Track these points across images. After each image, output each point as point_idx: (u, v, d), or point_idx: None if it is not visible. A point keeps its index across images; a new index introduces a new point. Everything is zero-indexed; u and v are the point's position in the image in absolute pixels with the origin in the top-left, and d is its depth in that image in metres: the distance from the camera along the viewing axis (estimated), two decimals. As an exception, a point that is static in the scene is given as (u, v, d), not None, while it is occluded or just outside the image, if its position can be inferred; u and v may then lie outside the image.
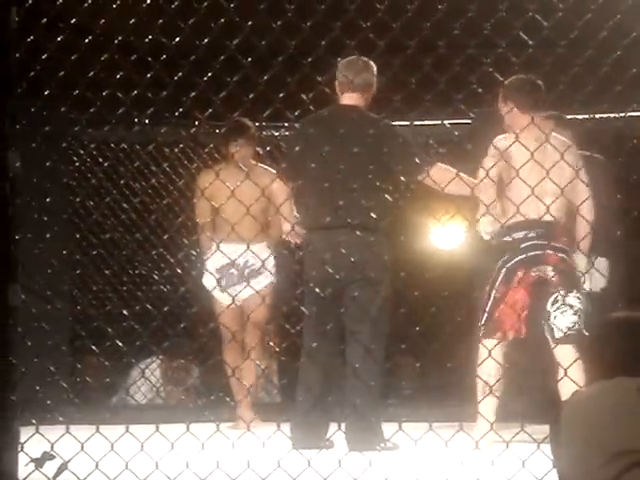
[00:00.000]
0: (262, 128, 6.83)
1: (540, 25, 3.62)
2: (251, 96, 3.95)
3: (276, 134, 6.68)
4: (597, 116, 6.35)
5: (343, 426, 4.61)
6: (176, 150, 6.94)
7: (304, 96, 5.06)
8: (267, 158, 6.67)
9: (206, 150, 6.88)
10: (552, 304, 4.94)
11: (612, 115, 6.54)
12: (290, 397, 5.23)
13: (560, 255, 4.94)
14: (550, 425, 2.52)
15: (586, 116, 6.29)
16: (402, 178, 4.86)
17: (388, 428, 4.61)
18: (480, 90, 3.93)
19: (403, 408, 6.11)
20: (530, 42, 3.60)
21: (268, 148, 6.65)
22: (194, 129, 6.69)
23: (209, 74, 4.03)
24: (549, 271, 4.93)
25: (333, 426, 4.66)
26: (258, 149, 6.33)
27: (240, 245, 5.26)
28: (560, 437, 2.47)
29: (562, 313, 4.92)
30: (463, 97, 4.14)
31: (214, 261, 5.74)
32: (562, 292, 4.92)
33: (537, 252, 4.95)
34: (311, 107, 4.89)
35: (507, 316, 4.95)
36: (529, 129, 4.57)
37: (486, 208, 4.88)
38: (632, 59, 3.84)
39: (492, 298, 4.99)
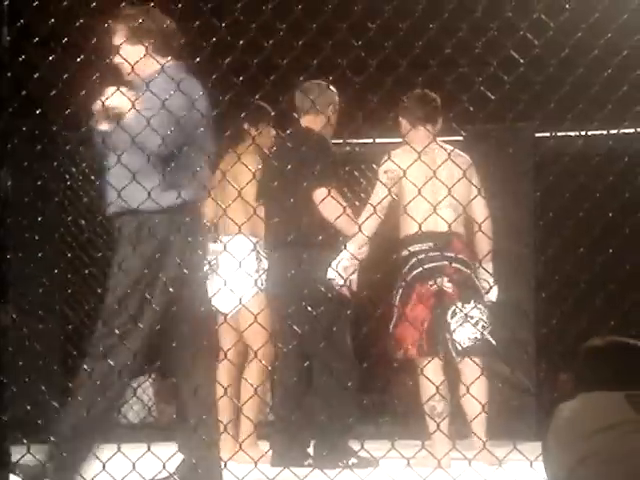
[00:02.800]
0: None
1: (531, 44, 3.64)
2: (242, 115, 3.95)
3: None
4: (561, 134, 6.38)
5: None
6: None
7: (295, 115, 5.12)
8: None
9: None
10: (451, 317, 4.83)
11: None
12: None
13: (455, 266, 4.83)
14: (542, 441, 2.55)
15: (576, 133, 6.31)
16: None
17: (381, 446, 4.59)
18: (471, 108, 3.93)
19: (397, 425, 6.11)
20: (521, 61, 3.61)
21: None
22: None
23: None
24: (446, 283, 4.80)
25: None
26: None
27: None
28: (550, 451, 2.51)
29: (462, 325, 4.78)
30: (454, 115, 4.16)
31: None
32: (460, 303, 4.80)
33: (433, 264, 4.84)
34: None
35: (408, 333, 4.86)
36: (420, 142, 4.59)
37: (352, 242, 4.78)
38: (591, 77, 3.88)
39: (395, 315, 4.90)
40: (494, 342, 4.77)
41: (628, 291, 5.43)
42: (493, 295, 4.99)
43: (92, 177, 6.83)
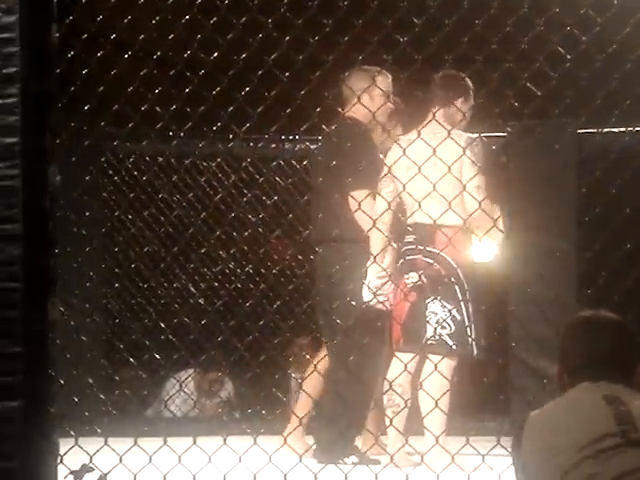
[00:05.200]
0: (298, 142, 6.86)
1: (578, 40, 3.63)
2: (288, 110, 3.97)
3: (312, 147, 6.70)
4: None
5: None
6: (212, 164, 6.96)
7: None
8: (303, 172, 6.69)
9: (243, 164, 6.90)
10: (421, 312, 4.71)
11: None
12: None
13: (427, 260, 4.70)
14: (512, 438, 2.51)
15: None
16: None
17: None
18: (516, 104, 3.93)
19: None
20: (568, 56, 3.60)
21: (305, 162, 6.66)
22: (231, 143, 6.71)
23: (247, 89, 4.05)
24: (418, 277, 4.67)
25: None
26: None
27: None
28: (522, 449, 2.46)
29: (428, 321, 4.67)
30: (499, 110, 4.15)
31: None
32: (428, 300, 4.69)
33: (411, 257, 4.75)
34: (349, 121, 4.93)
35: (394, 327, 4.81)
36: (424, 130, 4.49)
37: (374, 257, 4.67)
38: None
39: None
40: (452, 344, 4.65)
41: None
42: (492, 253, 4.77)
43: (136, 173, 6.89)
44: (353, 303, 4.82)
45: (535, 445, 2.43)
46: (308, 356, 5.28)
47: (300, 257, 6.74)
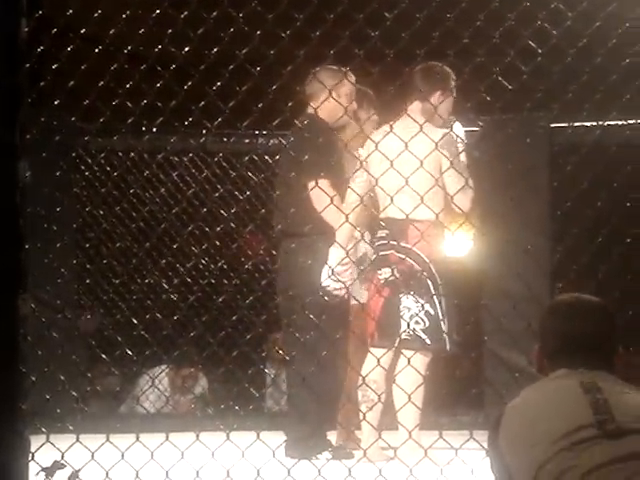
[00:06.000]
0: (271, 137, 6.85)
1: (549, 34, 3.63)
2: (260, 105, 3.96)
3: (284, 142, 6.68)
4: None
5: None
6: (185, 159, 6.94)
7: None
8: (276, 166, 6.68)
9: (215, 159, 6.89)
10: (395, 307, 4.68)
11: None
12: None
13: (400, 255, 4.66)
14: (489, 430, 2.47)
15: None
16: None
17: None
18: (489, 98, 3.93)
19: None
20: (539, 50, 3.60)
21: (277, 157, 6.65)
22: (203, 138, 6.69)
23: (218, 83, 4.04)
24: (391, 272, 4.67)
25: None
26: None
27: None
28: (499, 439, 2.42)
29: (400, 317, 4.65)
30: (471, 105, 4.15)
31: None
32: (402, 295, 4.67)
33: (384, 252, 4.72)
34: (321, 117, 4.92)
35: (368, 322, 4.77)
36: (397, 123, 4.47)
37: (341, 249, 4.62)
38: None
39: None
40: (426, 338, 4.64)
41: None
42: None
43: (108, 169, 6.86)
44: (319, 293, 4.80)
45: (512, 436, 2.40)
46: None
47: (274, 252, 6.73)
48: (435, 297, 4.64)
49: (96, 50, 3.86)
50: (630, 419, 2.29)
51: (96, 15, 3.82)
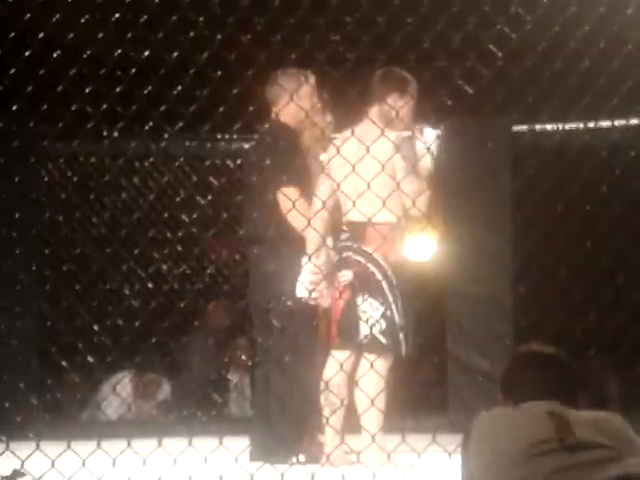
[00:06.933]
0: (232, 141, 6.84)
1: (509, 38, 3.65)
2: (221, 109, 3.95)
3: (246, 146, 6.67)
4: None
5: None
6: (146, 164, 6.91)
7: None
8: (237, 171, 6.67)
9: (176, 163, 6.86)
10: (354, 310, 4.64)
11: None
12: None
13: (358, 258, 4.65)
14: (462, 437, 2.61)
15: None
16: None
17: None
18: (449, 102, 3.94)
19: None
20: (499, 54, 3.61)
21: (239, 161, 6.64)
22: (164, 142, 6.66)
23: (179, 87, 4.02)
24: (349, 275, 4.64)
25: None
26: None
27: None
28: (468, 446, 2.57)
29: (359, 320, 4.62)
30: (432, 108, 4.16)
31: None
32: (360, 298, 4.63)
33: (344, 255, 4.70)
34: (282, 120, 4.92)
35: (330, 325, 4.76)
36: (357, 128, 4.51)
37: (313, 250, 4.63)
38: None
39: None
40: (384, 341, 4.66)
41: (607, 283, 5.44)
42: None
43: (69, 174, 6.82)
44: (289, 303, 4.81)
45: (480, 446, 2.54)
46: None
47: (237, 257, 6.72)
48: (392, 300, 4.65)
49: (55, 54, 3.82)
50: (590, 434, 2.43)
51: (55, 19, 3.79)
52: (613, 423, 2.53)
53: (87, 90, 4.01)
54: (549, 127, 6.38)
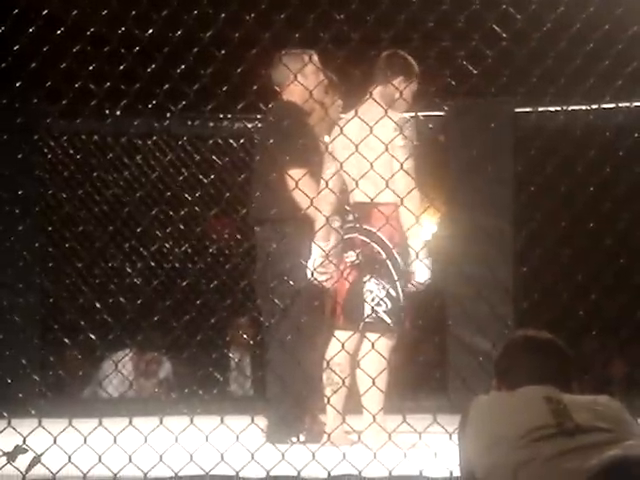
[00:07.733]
0: (235, 120, 6.83)
1: (513, 18, 3.63)
2: (225, 88, 3.94)
3: (250, 126, 6.66)
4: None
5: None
6: (149, 142, 6.90)
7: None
8: (241, 150, 6.67)
9: (179, 142, 6.86)
10: (359, 290, 4.68)
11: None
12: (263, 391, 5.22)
13: (363, 238, 4.68)
14: (459, 421, 2.64)
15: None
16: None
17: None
18: (453, 83, 3.93)
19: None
20: (504, 35, 3.60)
21: (242, 140, 6.64)
22: (167, 121, 6.66)
23: (182, 66, 4.01)
24: (355, 256, 4.68)
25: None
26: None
27: None
28: (466, 430, 2.59)
29: (364, 300, 4.65)
30: (436, 89, 4.15)
31: None
32: (365, 278, 4.66)
33: (349, 236, 4.73)
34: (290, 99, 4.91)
35: (335, 305, 4.79)
36: (360, 109, 4.49)
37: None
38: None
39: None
40: (389, 321, 4.66)
41: (610, 264, 5.44)
42: (421, 276, 4.76)
43: (71, 151, 6.81)
44: (292, 283, 4.81)
45: (477, 430, 2.56)
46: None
47: (238, 236, 6.72)
48: (397, 280, 4.66)
49: (59, 31, 3.81)
50: (588, 418, 2.47)
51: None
52: (610, 406, 2.55)
53: (90, 68, 4.01)
54: (552, 109, 6.37)
